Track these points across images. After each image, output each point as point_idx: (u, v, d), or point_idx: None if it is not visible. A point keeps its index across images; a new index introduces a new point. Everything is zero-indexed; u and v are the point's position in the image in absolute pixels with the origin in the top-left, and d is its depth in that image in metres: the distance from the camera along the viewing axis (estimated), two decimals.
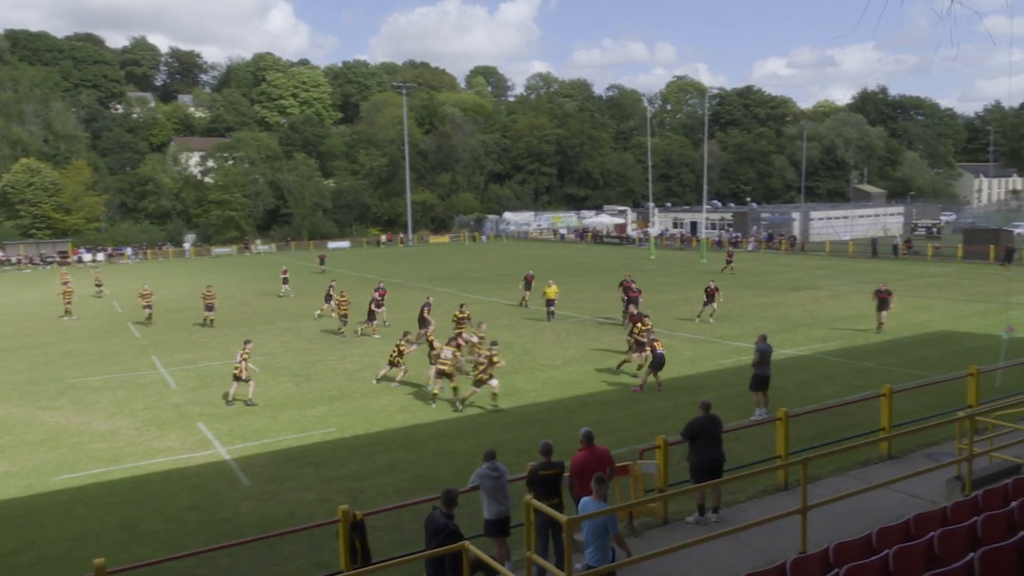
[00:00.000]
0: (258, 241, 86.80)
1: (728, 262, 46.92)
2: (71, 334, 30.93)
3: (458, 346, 20.26)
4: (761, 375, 16.29)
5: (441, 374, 18.48)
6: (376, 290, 29.73)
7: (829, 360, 21.89)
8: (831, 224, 77.90)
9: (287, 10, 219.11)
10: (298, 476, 14.02)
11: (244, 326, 31.44)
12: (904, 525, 7.08)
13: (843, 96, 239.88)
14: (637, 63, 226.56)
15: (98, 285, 46.13)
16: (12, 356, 26.60)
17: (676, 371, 21.02)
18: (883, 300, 25.89)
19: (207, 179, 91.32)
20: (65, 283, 38.47)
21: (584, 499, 8.18)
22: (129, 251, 77.41)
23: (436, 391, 18.73)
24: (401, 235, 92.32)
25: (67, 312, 35.66)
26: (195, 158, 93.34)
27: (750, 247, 67.53)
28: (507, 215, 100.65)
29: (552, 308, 30.14)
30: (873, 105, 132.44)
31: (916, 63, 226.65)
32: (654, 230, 75.40)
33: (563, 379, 20.72)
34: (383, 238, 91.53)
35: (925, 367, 20.36)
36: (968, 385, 14.19)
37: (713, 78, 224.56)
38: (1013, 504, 7.20)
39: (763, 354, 16.28)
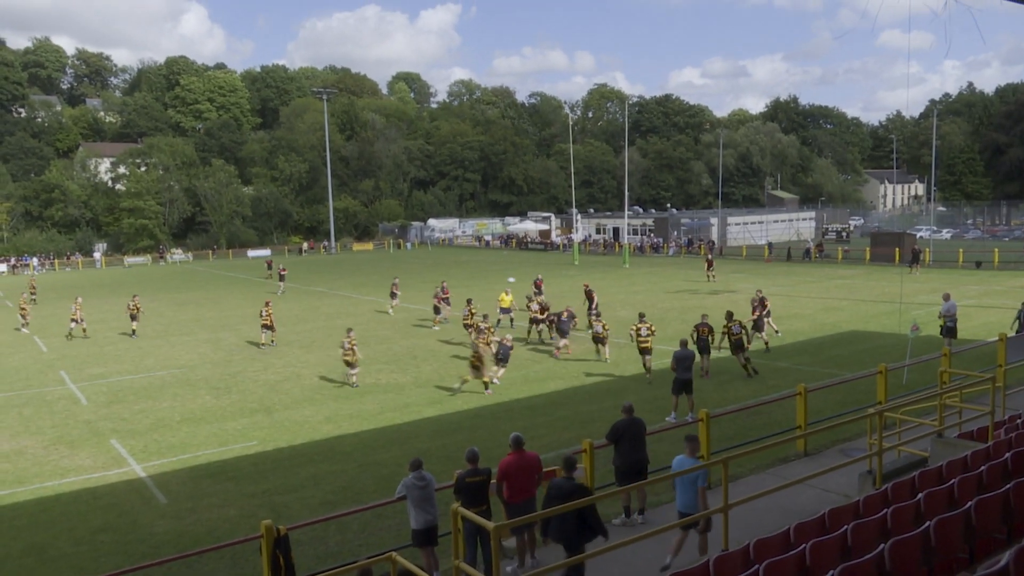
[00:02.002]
0: (174, 250, 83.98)
1: (709, 266, 44.18)
2: None
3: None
4: (681, 379, 16.66)
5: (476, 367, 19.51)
6: (441, 289, 31.76)
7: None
8: (747, 229, 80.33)
9: (202, 13, 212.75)
10: (218, 492, 13.60)
11: (160, 338, 30.37)
12: (820, 519, 7.33)
13: (755, 105, 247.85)
14: (557, 71, 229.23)
15: (32, 293, 44.33)
16: None
17: (599, 375, 21.30)
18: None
19: (118, 186, 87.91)
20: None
21: (679, 457, 9.33)
22: (35, 261, 73.83)
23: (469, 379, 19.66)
24: (324, 243, 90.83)
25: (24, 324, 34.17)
26: (105, 164, 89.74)
27: (671, 252, 69.05)
28: (432, 222, 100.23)
29: (504, 316, 29.41)
30: (785, 114, 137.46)
31: (821, 74, 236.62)
32: (578, 236, 76.29)
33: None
34: (305, 246, 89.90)
35: (837, 366, 21.18)
36: (877, 382, 14.85)
37: (631, 87, 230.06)
38: (920, 496, 7.54)
39: (679, 360, 16.55)
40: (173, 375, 23.43)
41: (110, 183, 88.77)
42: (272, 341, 27.67)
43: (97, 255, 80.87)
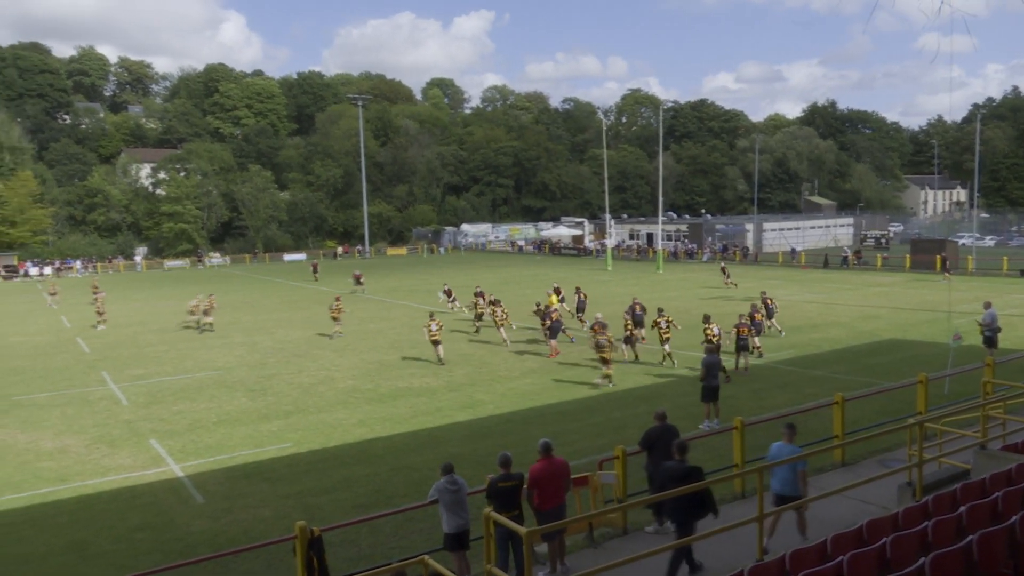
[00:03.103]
0: (212, 254, 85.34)
1: (725, 274, 45.01)
2: (15, 351, 30.00)
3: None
4: (709, 386, 16.52)
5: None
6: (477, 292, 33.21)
7: (781, 369, 22.26)
8: (783, 235, 79.42)
9: (240, 22, 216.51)
10: (253, 492, 13.77)
11: (197, 340, 30.87)
12: (857, 531, 7.20)
13: (792, 110, 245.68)
14: (590, 76, 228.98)
15: (52, 294, 46.14)
16: None
17: (633, 381, 21.19)
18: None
19: (159, 191, 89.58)
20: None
21: (777, 443, 9.74)
22: (78, 264, 75.48)
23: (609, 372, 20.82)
24: (358, 247, 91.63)
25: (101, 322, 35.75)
26: (146, 169, 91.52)
27: (705, 257, 68.50)
28: (464, 227, 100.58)
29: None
30: (822, 119, 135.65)
31: (859, 78, 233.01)
32: (611, 241, 76.03)
33: (521, 391, 20.72)
34: (339, 250, 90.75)
35: (875, 375, 20.82)
36: (918, 392, 14.55)
37: (665, 92, 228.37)
38: (962, 509, 7.38)
39: (708, 367, 16.49)
40: (210, 377, 23.80)
41: (151, 188, 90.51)
42: (339, 333, 30.07)
43: (138, 259, 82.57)
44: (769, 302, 27.45)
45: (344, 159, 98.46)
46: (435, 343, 24.43)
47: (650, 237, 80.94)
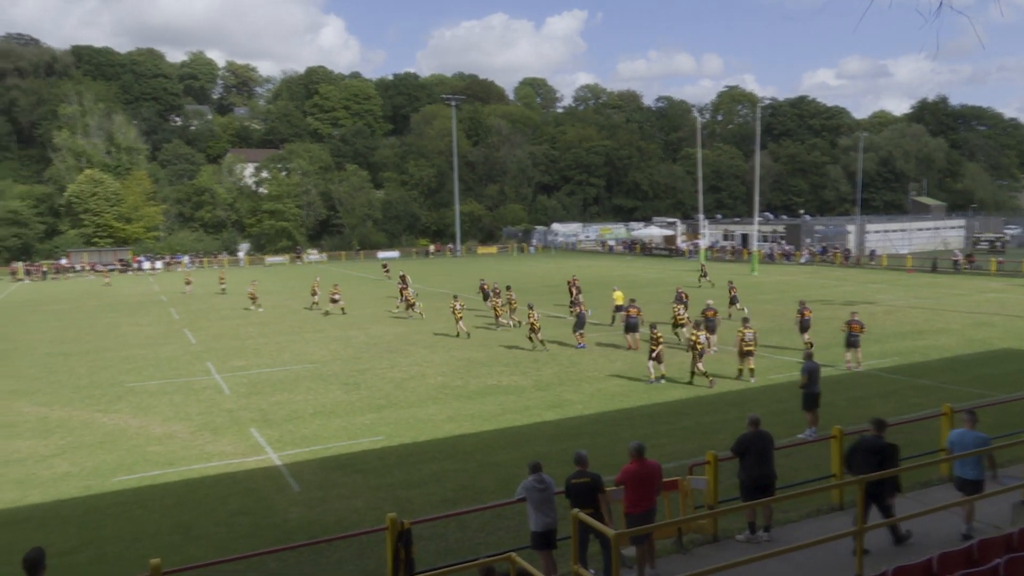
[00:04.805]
0: (310, 250, 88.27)
1: (703, 275, 47.17)
2: (129, 340, 31.79)
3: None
4: (810, 393, 15.95)
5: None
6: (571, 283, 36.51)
7: (885, 377, 21.31)
8: (888, 237, 76.06)
9: (339, 26, 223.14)
10: (346, 483, 14.14)
11: (295, 334, 31.94)
12: (967, 551, 6.82)
13: (898, 107, 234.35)
14: (683, 74, 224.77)
15: (188, 283, 51.27)
16: (74, 361, 27.44)
17: (725, 385, 20.70)
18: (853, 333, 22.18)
19: (261, 190, 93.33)
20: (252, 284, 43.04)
21: (959, 430, 10.13)
22: (186, 259, 79.36)
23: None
24: (449, 245, 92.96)
25: (255, 305, 40.44)
26: (249, 169, 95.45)
27: (803, 260, 66.31)
28: (555, 226, 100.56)
29: (617, 314, 30.70)
30: (932, 115, 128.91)
31: (971, 72, 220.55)
32: (704, 242, 74.50)
33: (610, 391, 20.56)
34: (431, 248, 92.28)
35: (987, 386, 19.68)
36: None
37: (762, 89, 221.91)
38: None
39: (811, 373, 15.94)
40: (307, 370, 24.60)
41: (253, 187, 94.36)
42: (464, 332, 30.50)
43: (241, 255, 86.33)
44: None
45: (437, 158, 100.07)
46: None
47: (745, 238, 78.92)
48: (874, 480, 8.91)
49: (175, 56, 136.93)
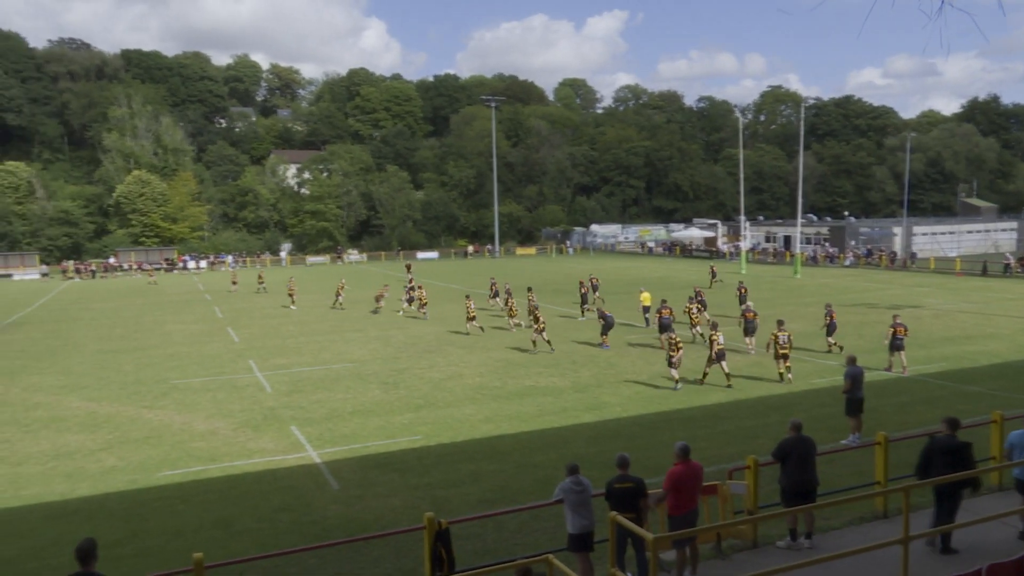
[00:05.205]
0: (350, 250, 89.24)
1: (713, 276, 48.15)
2: (174, 338, 32.45)
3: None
4: (854, 398, 15.65)
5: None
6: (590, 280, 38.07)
7: (931, 383, 20.82)
8: (936, 240, 74.34)
9: (380, 28, 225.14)
10: (384, 482, 14.25)
11: (335, 333, 32.29)
12: (1018, 563, 6.63)
13: (947, 106, 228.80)
14: (725, 74, 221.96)
15: (234, 283, 52.92)
16: (121, 358, 28.10)
17: (766, 389, 20.43)
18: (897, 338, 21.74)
19: (303, 190, 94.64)
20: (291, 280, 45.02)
21: (1018, 431, 10.19)
22: (230, 259, 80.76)
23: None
24: (488, 246, 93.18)
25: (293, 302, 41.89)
26: (292, 170, 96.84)
27: (847, 262, 65.12)
28: (594, 227, 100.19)
29: (647, 315, 31.50)
30: (983, 115, 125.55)
31: None
32: (745, 244, 73.56)
33: (647, 394, 20.42)
34: (470, 249, 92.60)
35: None
36: None
37: (806, 89, 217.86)
38: None
39: (854, 378, 15.64)
40: (346, 369, 24.85)
41: (296, 187, 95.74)
42: (519, 324, 31.71)
43: (283, 254, 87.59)
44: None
45: (477, 159, 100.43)
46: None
47: (787, 240, 77.76)
48: (950, 480, 8.89)
49: (221, 59, 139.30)
